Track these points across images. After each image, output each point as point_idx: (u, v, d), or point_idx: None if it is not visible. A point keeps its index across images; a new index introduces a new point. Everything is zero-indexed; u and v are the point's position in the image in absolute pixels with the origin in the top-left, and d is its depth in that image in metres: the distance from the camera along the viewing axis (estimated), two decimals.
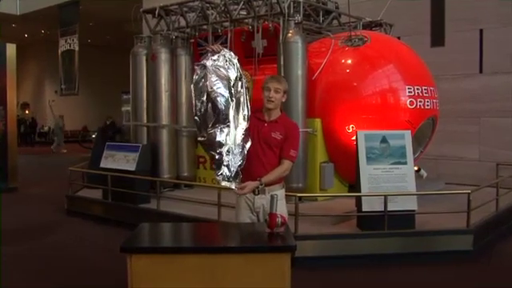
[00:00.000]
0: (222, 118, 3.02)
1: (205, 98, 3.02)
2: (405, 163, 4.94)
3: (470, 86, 8.19)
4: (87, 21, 18.54)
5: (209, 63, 3.06)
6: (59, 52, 16.00)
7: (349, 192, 6.17)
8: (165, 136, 6.96)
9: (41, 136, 25.49)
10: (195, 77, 3.10)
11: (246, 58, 6.41)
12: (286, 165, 3.18)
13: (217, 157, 3.03)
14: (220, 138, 3.01)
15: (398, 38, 7.64)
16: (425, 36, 8.47)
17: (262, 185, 3.09)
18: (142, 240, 2.77)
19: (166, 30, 7.22)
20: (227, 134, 3.03)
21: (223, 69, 3.06)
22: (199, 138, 3.11)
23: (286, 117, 3.37)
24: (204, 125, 3.04)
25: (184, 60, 7.04)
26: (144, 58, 7.23)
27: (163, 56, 6.94)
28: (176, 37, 7.18)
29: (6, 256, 4.99)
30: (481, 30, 8.11)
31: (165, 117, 6.96)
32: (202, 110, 3.03)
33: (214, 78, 3.02)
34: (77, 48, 15.40)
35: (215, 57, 3.08)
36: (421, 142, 6.66)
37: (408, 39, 7.58)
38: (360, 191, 4.89)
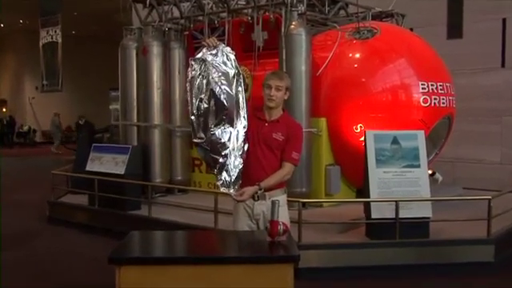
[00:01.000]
0: (228, 118, 3.04)
1: (204, 96, 3.04)
2: (418, 166, 4.97)
3: (491, 81, 8.20)
4: (71, 10, 18.55)
5: (209, 58, 3.08)
6: (40, 44, 16.00)
7: (356, 197, 6.20)
8: (157, 136, 6.99)
9: (20, 136, 25.48)
10: (192, 72, 3.11)
11: (245, 51, 6.45)
12: (288, 168, 3.20)
13: (221, 160, 3.04)
14: (224, 138, 3.04)
15: (411, 29, 7.67)
16: (440, 27, 8.50)
17: (261, 190, 3.12)
18: (131, 250, 2.79)
19: (157, 21, 7.24)
20: (230, 135, 3.06)
21: (223, 64, 3.10)
22: (195, 140, 3.11)
23: (289, 116, 3.40)
24: (203, 125, 3.05)
25: (178, 54, 7.08)
26: (134, 52, 7.27)
27: (155, 49, 6.98)
28: (169, 28, 7.21)
29: None
30: (503, 20, 8.12)
31: (157, 116, 6.99)
32: (202, 108, 3.04)
33: (216, 73, 3.05)
34: (60, 40, 15.42)
35: (214, 51, 3.11)
36: (436, 143, 6.69)
37: (422, 31, 7.61)
38: (369, 197, 4.92)
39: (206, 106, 3.04)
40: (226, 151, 3.04)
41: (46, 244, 6.10)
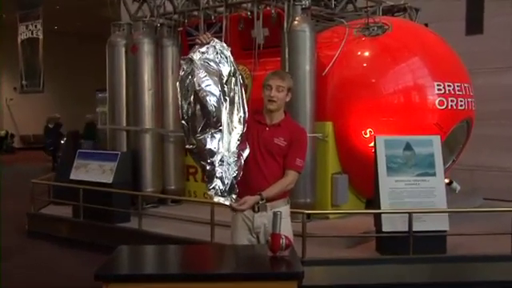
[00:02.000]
0: (212, 122, 3.06)
1: (192, 98, 3.07)
2: (433, 174, 5.00)
3: None
4: (53, 3, 18.57)
5: (196, 57, 3.11)
6: (19, 40, 16.00)
7: (366, 209, 6.22)
8: (148, 142, 7.02)
9: None
10: (181, 73, 3.16)
11: (244, 50, 6.49)
12: (291, 177, 3.23)
13: (208, 167, 3.06)
14: (211, 145, 3.06)
15: (426, 24, 7.67)
16: (458, 22, 8.51)
17: (262, 200, 3.15)
18: (120, 266, 2.81)
19: (149, 17, 7.29)
20: (220, 141, 3.07)
21: (213, 63, 3.12)
22: (187, 146, 3.15)
23: (292, 120, 3.44)
24: (192, 130, 3.09)
25: (171, 52, 7.13)
26: (123, 50, 7.31)
27: (146, 47, 7.02)
28: (161, 24, 7.26)
29: None
30: None
31: (148, 119, 7.03)
32: (190, 112, 3.08)
33: (202, 73, 3.07)
34: (41, 36, 15.43)
35: (204, 49, 3.13)
36: (453, 150, 6.71)
37: (437, 26, 7.62)
38: (379, 208, 4.94)
39: (192, 109, 3.07)
40: (214, 158, 3.05)
41: (24, 261, 6.10)
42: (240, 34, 6.66)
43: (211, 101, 3.05)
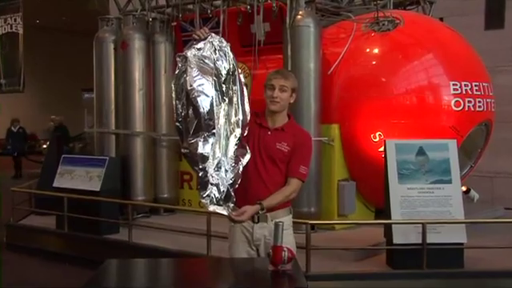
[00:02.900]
0: (204, 124, 3.06)
1: (185, 99, 3.09)
2: (449, 182, 5.01)
3: None
4: None
5: (191, 53, 3.12)
6: None
7: (375, 219, 6.23)
8: (139, 146, 7.04)
9: None
10: (176, 71, 3.18)
11: (243, 46, 6.51)
12: (294, 185, 3.25)
13: (200, 174, 3.06)
14: (203, 149, 3.05)
15: (441, 19, 7.71)
16: (476, 16, 8.51)
17: (262, 210, 3.16)
18: (108, 281, 2.82)
19: (139, 10, 7.32)
20: (214, 145, 3.08)
21: (210, 60, 3.13)
22: (183, 150, 3.17)
23: (295, 123, 3.46)
24: (186, 133, 3.10)
25: (163, 49, 7.16)
26: (111, 46, 7.34)
27: (136, 43, 7.05)
28: (153, 19, 7.29)
29: None
30: None
31: (139, 122, 7.05)
32: (183, 113, 3.10)
33: (195, 72, 3.09)
34: (21, 31, 15.42)
35: (199, 45, 3.15)
36: (470, 155, 6.72)
37: (454, 20, 7.65)
38: (390, 218, 4.96)
39: (185, 111, 3.09)
40: (206, 164, 3.05)
41: (3, 277, 6.08)
42: (239, 29, 6.69)
43: (203, 102, 3.06)
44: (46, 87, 25.65)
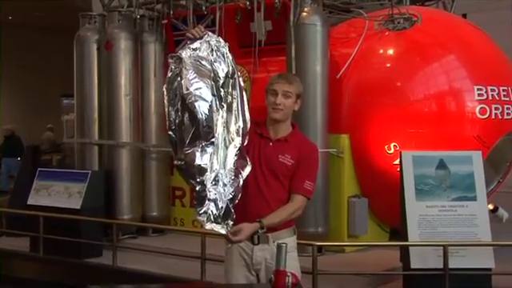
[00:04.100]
0: (203, 132, 3.08)
1: (180, 105, 3.11)
2: (473, 199, 5.00)
3: None
4: None
5: (186, 54, 3.15)
6: None
7: (390, 240, 6.24)
8: (125, 159, 7.06)
9: None
10: (168, 74, 3.20)
11: (242, 47, 6.54)
12: (299, 202, 3.27)
13: (197, 188, 3.07)
14: (201, 160, 3.06)
15: (464, 15, 7.75)
16: (504, 11, 8.56)
17: (262, 229, 3.17)
18: None
19: (126, 6, 7.36)
20: (212, 156, 3.09)
21: (206, 61, 3.16)
22: (176, 162, 3.17)
23: (300, 133, 3.49)
24: (180, 142, 3.11)
25: (153, 49, 7.19)
26: (94, 47, 7.35)
27: (122, 44, 7.08)
28: (141, 16, 7.32)
29: None
30: None
31: (125, 131, 7.07)
32: (177, 121, 3.12)
33: (191, 74, 3.11)
34: None
35: (195, 44, 3.18)
36: (498, 168, 6.72)
37: (478, 17, 7.68)
38: (407, 239, 4.96)
39: (180, 118, 3.10)
40: (204, 177, 3.06)
41: None
42: (237, 28, 6.73)
43: (201, 107, 3.08)
44: (22, 92, 25.34)
